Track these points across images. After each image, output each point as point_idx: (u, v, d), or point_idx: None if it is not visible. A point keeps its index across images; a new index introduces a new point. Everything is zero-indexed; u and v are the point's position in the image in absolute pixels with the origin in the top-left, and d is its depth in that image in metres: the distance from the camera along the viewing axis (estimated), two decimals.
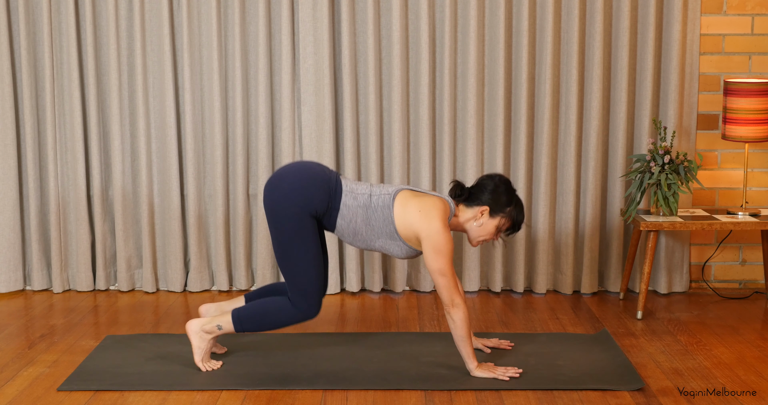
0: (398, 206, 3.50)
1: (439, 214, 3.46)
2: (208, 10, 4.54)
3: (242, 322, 3.55)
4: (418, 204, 3.48)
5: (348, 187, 3.54)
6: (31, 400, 3.34)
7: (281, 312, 3.54)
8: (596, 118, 4.56)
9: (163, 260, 4.75)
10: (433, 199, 3.51)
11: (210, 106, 4.61)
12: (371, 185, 3.58)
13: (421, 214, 3.45)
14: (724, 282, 4.81)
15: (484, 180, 3.57)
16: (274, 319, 3.55)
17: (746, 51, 4.62)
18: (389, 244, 3.54)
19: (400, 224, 3.49)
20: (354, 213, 3.50)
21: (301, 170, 3.52)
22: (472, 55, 4.53)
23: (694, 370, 3.63)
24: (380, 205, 3.50)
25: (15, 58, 4.64)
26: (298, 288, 3.50)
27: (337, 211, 3.50)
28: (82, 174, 4.66)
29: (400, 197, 3.52)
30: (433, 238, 3.43)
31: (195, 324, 3.60)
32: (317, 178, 3.50)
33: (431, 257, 3.43)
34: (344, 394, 3.39)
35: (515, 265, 4.70)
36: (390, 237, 3.52)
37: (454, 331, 3.47)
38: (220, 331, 3.58)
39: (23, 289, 4.78)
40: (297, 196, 3.45)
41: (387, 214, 3.49)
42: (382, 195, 3.52)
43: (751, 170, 4.69)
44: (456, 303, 3.43)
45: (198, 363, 3.60)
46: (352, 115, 4.59)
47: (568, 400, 3.32)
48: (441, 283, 3.43)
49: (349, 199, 3.51)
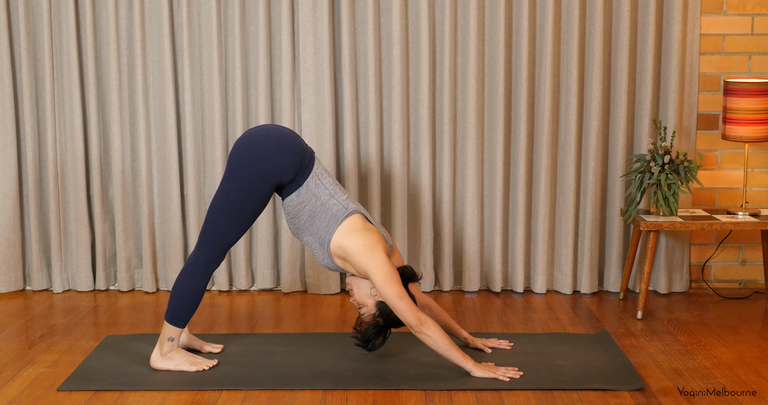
0: (345, 227, 3.52)
1: (382, 249, 3.49)
2: (208, 10, 4.54)
3: (174, 316, 3.56)
4: (363, 237, 3.49)
5: (318, 170, 3.56)
6: (31, 400, 3.34)
7: (191, 276, 3.55)
8: (596, 118, 4.56)
9: (163, 260, 4.75)
10: (377, 235, 3.53)
11: (210, 106, 4.61)
12: (336, 186, 3.59)
13: (365, 248, 3.47)
14: (724, 282, 4.81)
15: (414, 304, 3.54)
16: (190, 288, 3.55)
17: (746, 51, 4.62)
18: (316, 247, 3.57)
19: (336, 241, 3.51)
20: (308, 199, 3.53)
21: (280, 137, 3.52)
22: (472, 55, 4.53)
23: (694, 370, 3.63)
24: (333, 212, 3.53)
25: (15, 58, 4.64)
26: (217, 238, 3.52)
27: (297, 186, 3.52)
28: (82, 174, 4.66)
29: (351, 219, 3.54)
30: (381, 268, 3.44)
31: (155, 358, 3.61)
32: (293, 150, 3.51)
33: (385, 286, 3.43)
34: (344, 394, 3.39)
35: (515, 265, 4.70)
36: (320, 243, 3.55)
37: (435, 345, 3.46)
38: (171, 341, 3.59)
39: (23, 289, 4.78)
40: (270, 163, 3.47)
41: (332, 224, 3.52)
42: (339, 205, 3.54)
43: (751, 170, 4.69)
44: (423, 320, 3.44)
45: (193, 370, 3.59)
46: (352, 115, 4.59)
47: (568, 400, 3.32)
48: (401, 306, 3.43)
49: (312, 183, 3.53)
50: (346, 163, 4.61)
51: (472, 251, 4.67)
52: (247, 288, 4.77)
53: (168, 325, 3.59)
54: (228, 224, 3.51)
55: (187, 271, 3.57)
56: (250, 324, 4.24)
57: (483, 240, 4.72)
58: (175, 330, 3.59)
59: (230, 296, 4.69)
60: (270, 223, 4.68)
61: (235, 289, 4.79)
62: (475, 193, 4.62)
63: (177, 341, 3.61)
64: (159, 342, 3.61)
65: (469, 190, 4.61)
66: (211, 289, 4.79)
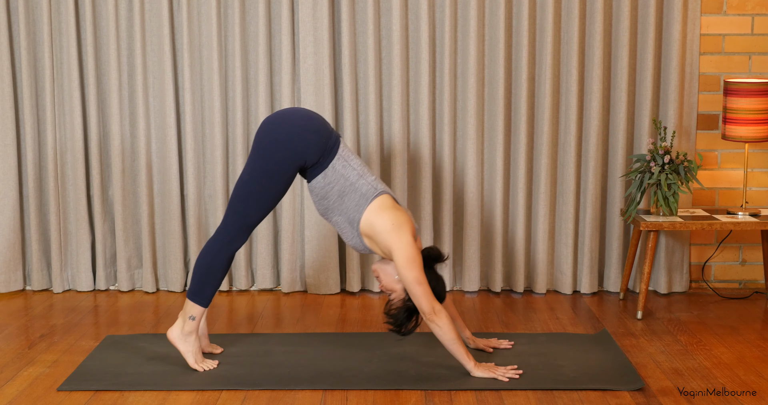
0: (374, 206, 3.52)
1: (409, 229, 3.50)
2: (208, 10, 4.54)
3: (196, 293, 3.57)
4: (392, 216, 3.50)
5: (343, 153, 3.57)
6: (31, 400, 3.34)
7: (214, 252, 3.55)
8: (596, 118, 4.56)
9: (163, 260, 4.75)
10: (406, 215, 3.54)
11: (210, 106, 4.61)
12: (365, 167, 3.60)
13: (393, 226, 3.47)
14: (724, 282, 4.81)
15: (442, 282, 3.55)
16: (212, 264, 3.55)
17: (746, 51, 4.62)
18: (345, 227, 3.56)
19: (365, 221, 3.51)
20: (336, 179, 3.53)
21: (305, 119, 3.55)
22: (472, 55, 4.53)
23: (694, 370, 3.63)
24: (362, 191, 3.53)
25: (15, 58, 4.64)
26: (240, 217, 3.53)
27: (323, 169, 3.53)
28: (82, 174, 4.66)
29: (381, 199, 3.54)
30: (406, 250, 3.44)
31: (175, 330, 3.62)
32: (320, 131, 3.53)
33: (406, 268, 3.43)
34: (344, 394, 3.39)
35: (515, 265, 4.70)
36: (350, 222, 3.54)
37: (442, 337, 3.46)
38: (193, 320, 3.59)
39: (23, 289, 4.78)
40: (294, 144, 3.48)
41: (361, 204, 3.52)
42: (369, 185, 3.55)
43: (751, 170, 4.69)
44: (437, 309, 3.44)
45: (193, 365, 3.60)
46: (352, 115, 4.59)
47: (568, 400, 3.32)
48: (419, 292, 3.43)
49: (339, 164, 3.54)
50: None
51: (472, 251, 4.67)
52: (247, 288, 4.77)
53: (189, 303, 3.59)
54: (250, 204, 3.52)
55: (208, 248, 3.58)
56: (250, 324, 4.24)
57: (483, 240, 4.72)
58: (196, 308, 3.58)
59: (230, 296, 4.69)
60: (270, 223, 4.68)
61: (235, 289, 4.79)
62: (475, 193, 4.62)
63: (198, 322, 3.60)
64: (181, 318, 3.61)
65: (470, 190, 4.61)
66: None
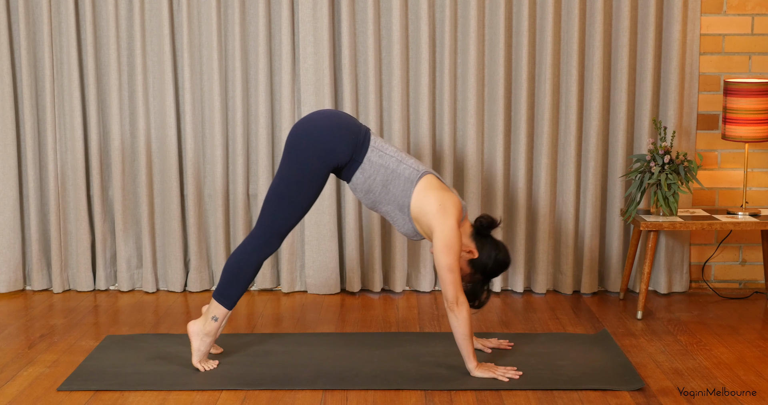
0: (420, 187, 3.51)
1: (456, 212, 3.48)
2: (208, 10, 4.54)
3: (223, 294, 3.57)
4: (440, 197, 3.49)
5: (376, 144, 3.56)
6: (31, 400, 3.34)
7: (245, 255, 3.55)
8: (596, 118, 4.57)
9: (163, 260, 4.75)
10: (454, 197, 3.52)
11: (210, 106, 4.61)
12: (402, 153, 3.59)
13: (440, 208, 3.46)
14: (724, 282, 4.81)
15: (501, 246, 3.57)
16: (243, 267, 3.55)
17: (746, 51, 4.62)
18: (396, 214, 3.55)
19: (414, 204, 3.50)
20: (375, 171, 3.52)
21: (333, 119, 3.54)
22: (472, 55, 4.53)
23: (694, 370, 3.63)
24: (405, 175, 3.52)
25: (15, 58, 4.64)
26: (273, 222, 3.52)
27: (358, 165, 3.52)
28: (82, 174, 4.66)
29: (425, 180, 3.53)
30: (446, 235, 3.43)
31: (197, 325, 3.61)
32: (348, 129, 3.52)
33: (442, 253, 3.43)
34: (344, 394, 3.39)
35: (515, 265, 4.70)
36: (400, 209, 3.53)
37: (456, 329, 3.47)
38: (216, 321, 3.58)
39: (23, 289, 4.78)
40: (322, 145, 3.47)
41: (407, 188, 3.51)
42: (411, 168, 3.54)
43: (751, 170, 4.69)
44: (461, 301, 3.44)
45: (196, 364, 3.60)
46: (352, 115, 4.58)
47: (568, 400, 3.32)
48: (448, 279, 3.43)
49: (374, 156, 3.53)
50: None
51: None
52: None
53: (214, 303, 3.58)
54: (283, 209, 3.51)
55: (240, 249, 3.57)
56: (250, 324, 4.24)
57: None
58: (220, 309, 3.57)
59: None
60: None
61: None
62: (475, 193, 4.61)
63: (219, 324, 3.59)
64: (205, 316, 3.61)
65: (470, 190, 4.61)
66: (211, 289, 4.79)
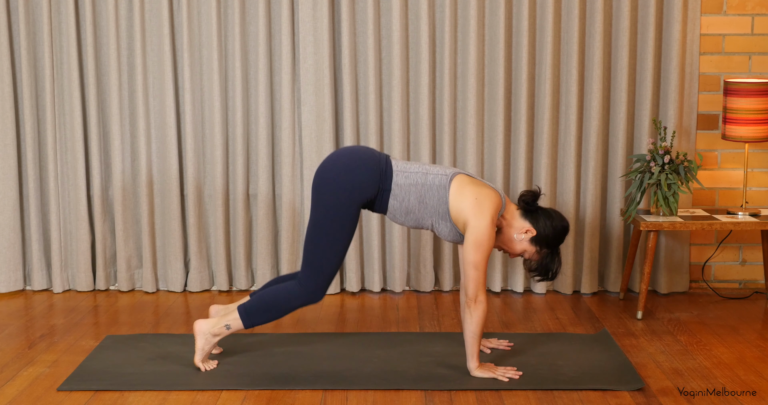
0: (454, 189, 3.50)
1: (492, 207, 3.47)
2: (208, 10, 4.54)
3: (250, 315, 3.55)
4: (475, 191, 3.49)
5: (399, 167, 3.54)
6: (31, 400, 3.34)
7: (289, 295, 3.54)
8: (596, 118, 4.57)
9: (163, 260, 4.75)
10: (490, 190, 3.52)
11: (210, 106, 4.61)
12: (425, 165, 3.58)
13: (476, 202, 3.46)
14: (724, 282, 4.81)
15: (554, 213, 3.58)
16: (281, 304, 3.54)
17: (746, 51, 4.62)
18: (440, 224, 3.54)
19: (453, 207, 3.49)
20: (407, 192, 3.51)
21: (352, 156, 3.53)
22: (472, 55, 4.53)
23: (694, 370, 3.63)
24: (436, 184, 3.51)
25: (15, 58, 4.64)
26: (316, 269, 3.50)
27: (388, 193, 3.51)
28: (82, 174, 4.66)
29: (457, 180, 3.52)
30: (478, 231, 3.44)
31: (204, 325, 3.60)
32: (367, 163, 3.50)
33: (470, 249, 3.44)
34: (344, 394, 3.39)
35: (515, 265, 4.70)
36: (442, 217, 3.52)
37: (467, 327, 3.47)
38: (228, 331, 3.58)
39: (23, 289, 4.78)
40: (346, 182, 3.46)
41: (442, 194, 3.50)
42: (439, 175, 3.53)
43: (751, 170, 4.69)
44: (479, 300, 3.44)
45: (198, 363, 3.60)
46: (352, 115, 4.59)
47: (568, 400, 3.32)
48: (471, 275, 3.44)
49: (400, 179, 3.52)
50: None
51: None
52: (247, 288, 4.77)
53: (236, 315, 3.57)
54: (323, 253, 3.49)
55: (287, 287, 3.55)
56: None
57: None
58: (238, 323, 3.56)
59: (230, 296, 4.69)
60: (270, 222, 4.69)
61: (235, 289, 4.79)
62: None
63: (227, 333, 3.58)
64: (218, 320, 3.59)
65: None
66: (211, 289, 4.79)
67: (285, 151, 4.62)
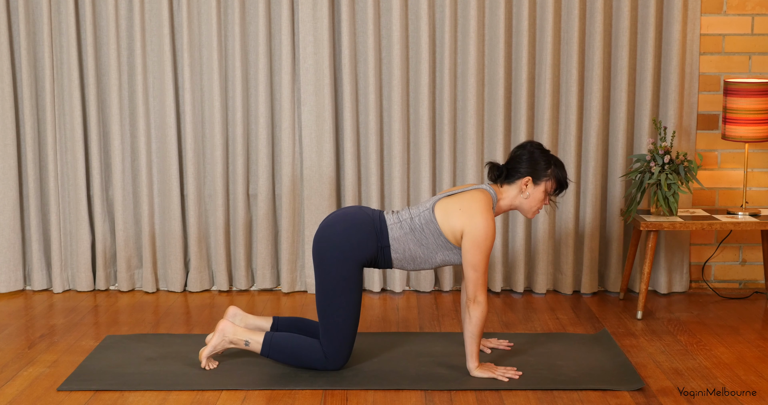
0: (440, 215, 3.52)
1: (481, 207, 3.48)
2: (208, 10, 4.54)
3: (272, 349, 3.56)
4: (458, 204, 3.50)
5: (391, 220, 3.56)
6: (31, 400, 3.34)
7: (311, 355, 3.54)
8: (596, 118, 4.57)
9: (163, 260, 4.75)
10: (472, 193, 3.53)
11: (210, 106, 4.61)
12: (410, 208, 3.61)
13: (461, 212, 3.48)
14: (724, 282, 4.81)
15: (517, 151, 3.59)
16: (302, 358, 3.55)
17: (746, 51, 4.62)
18: (448, 255, 3.56)
19: (446, 231, 3.51)
20: (404, 241, 3.53)
21: (346, 218, 3.54)
22: (472, 55, 4.53)
23: (694, 370, 3.63)
24: (424, 222, 3.53)
25: (15, 58, 4.64)
26: (332, 336, 3.51)
27: (389, 248, 3.53)
28: (82, 174, 4.66)
29: (439, 206, 3.54)
30: (474, 233, 3.45)
31: (228, 328, 3.60)
32: (362, 223, 3.52)
33: (469, 250, 3.46)
34: (344, 394, 3.39)
35: (515, 265, 4.70)
36: (445, 247, 3.54)
37: (467, 327, 3.48)
38: (245, 346, 3.59)
39: (23, 289, 4.78)
40: (344, 245, 3.48)
41: (434, 228, 3.52)
42: (422, 212, 3.55)
43: (751, 170, 4.69)
44: (479, 300, 3.45)
45: (203, 359, 3.60)
46: (352, 115, 4.59)
47: (568, 400, 3.32)
48: (470, 277, 3.46)
49: (395, 232, 3.54)
50: (346, 163, 4.61)
51: None
52: (247, 288, 4.77)
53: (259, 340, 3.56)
54: (336, 318, 3.49)
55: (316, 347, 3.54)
56: None
57: None
58: (257, 347, 3.57)
59: (230, 296, 4.69)
60: (270, 222, 4.69)
61: (235, 289, 4.79)
62: None
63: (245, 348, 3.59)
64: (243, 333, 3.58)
65: None
66: (211, 289, 4.79)
67: (285, 151, 4.62)
